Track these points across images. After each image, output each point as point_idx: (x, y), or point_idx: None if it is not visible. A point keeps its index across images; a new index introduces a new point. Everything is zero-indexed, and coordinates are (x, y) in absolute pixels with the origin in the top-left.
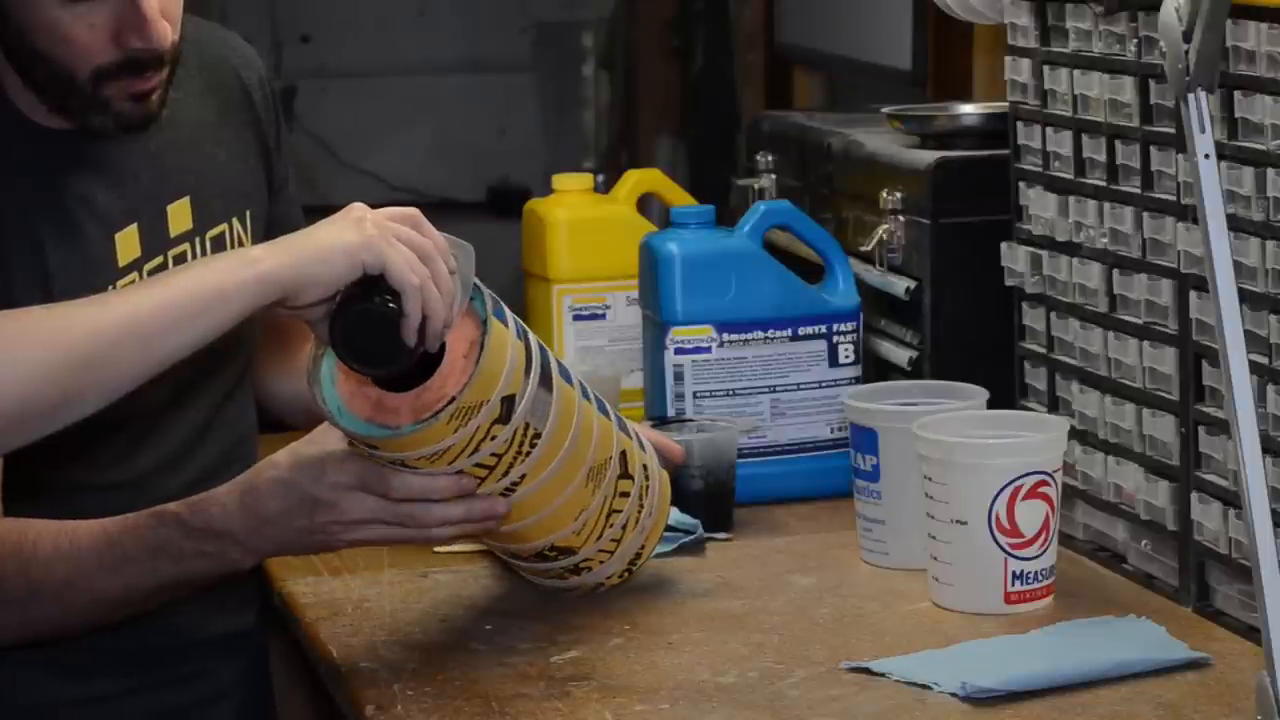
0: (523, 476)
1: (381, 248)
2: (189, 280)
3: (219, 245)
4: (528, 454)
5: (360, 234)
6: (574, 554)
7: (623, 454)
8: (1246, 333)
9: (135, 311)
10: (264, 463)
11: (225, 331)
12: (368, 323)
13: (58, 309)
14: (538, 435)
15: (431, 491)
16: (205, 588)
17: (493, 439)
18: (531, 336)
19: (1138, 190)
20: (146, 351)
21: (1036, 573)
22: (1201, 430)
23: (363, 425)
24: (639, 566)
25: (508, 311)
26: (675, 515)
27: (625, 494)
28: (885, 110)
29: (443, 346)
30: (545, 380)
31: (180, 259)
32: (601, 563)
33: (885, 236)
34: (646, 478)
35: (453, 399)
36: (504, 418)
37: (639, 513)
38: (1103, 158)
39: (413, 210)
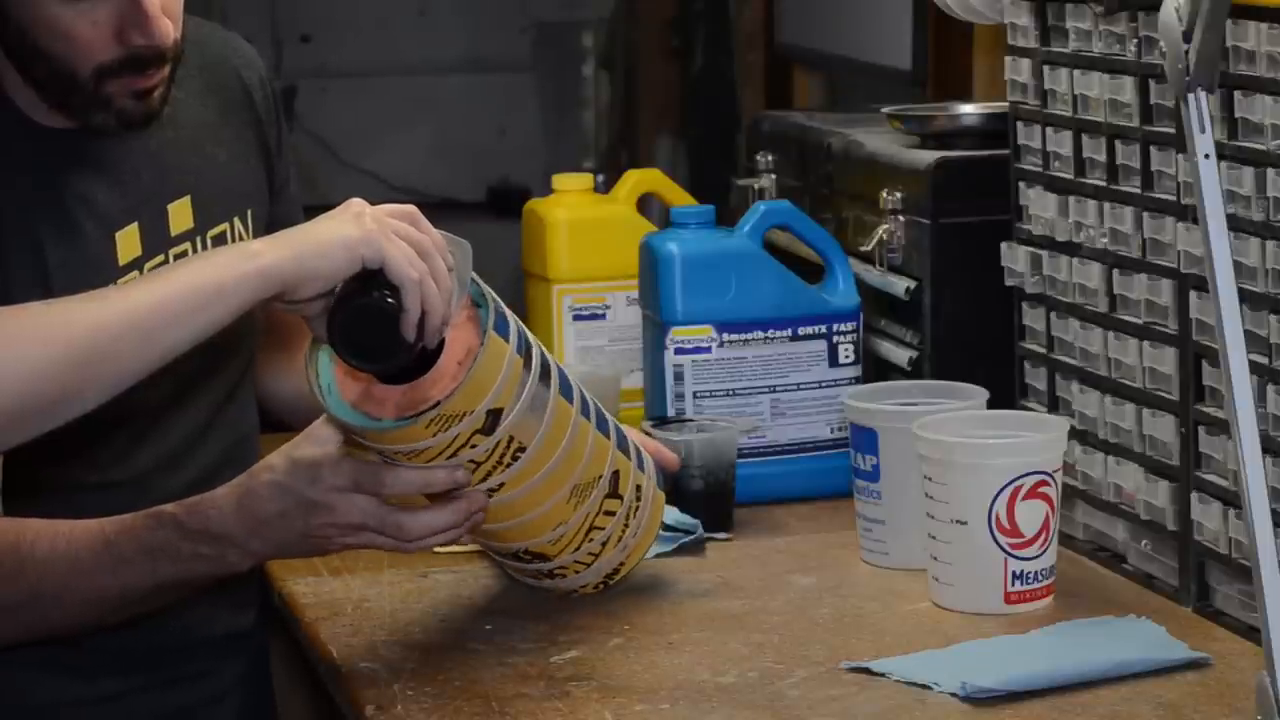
0: (501, 485)
1: (380, 242)
2: (188, 275)
3: (220, 245)
4: (509, 465)
5: (360, 228)
6: (548, 560)
7: (615, 474)
8: (1246, 333)
9: (135, 307)
10: (260, 465)
11: (225, 325)
12: (366, 317)
13: (57, 305)
14: (522, 449)
15: (427, 485)
16: (203, 589)
17: (473, 447)
18: (537, 351)
19: (1138, 190)
20: (147, 347)
21: (1036, 573)
22: (1201, 430)
23: (347, 410)
24: (617, 580)
25: (514, 325)
26: (675, 515)
27: (610, 513)
28: (885, 110)
29: (441, 345)
30: (540, 397)
31: (181, 258)
32: (576, 572)
33: (885, 236)
34: (637, 498)
35: (437, 404)
36: (487, 429)
37: (623, 531)
38: (1103, 158)
39: (410, 207)
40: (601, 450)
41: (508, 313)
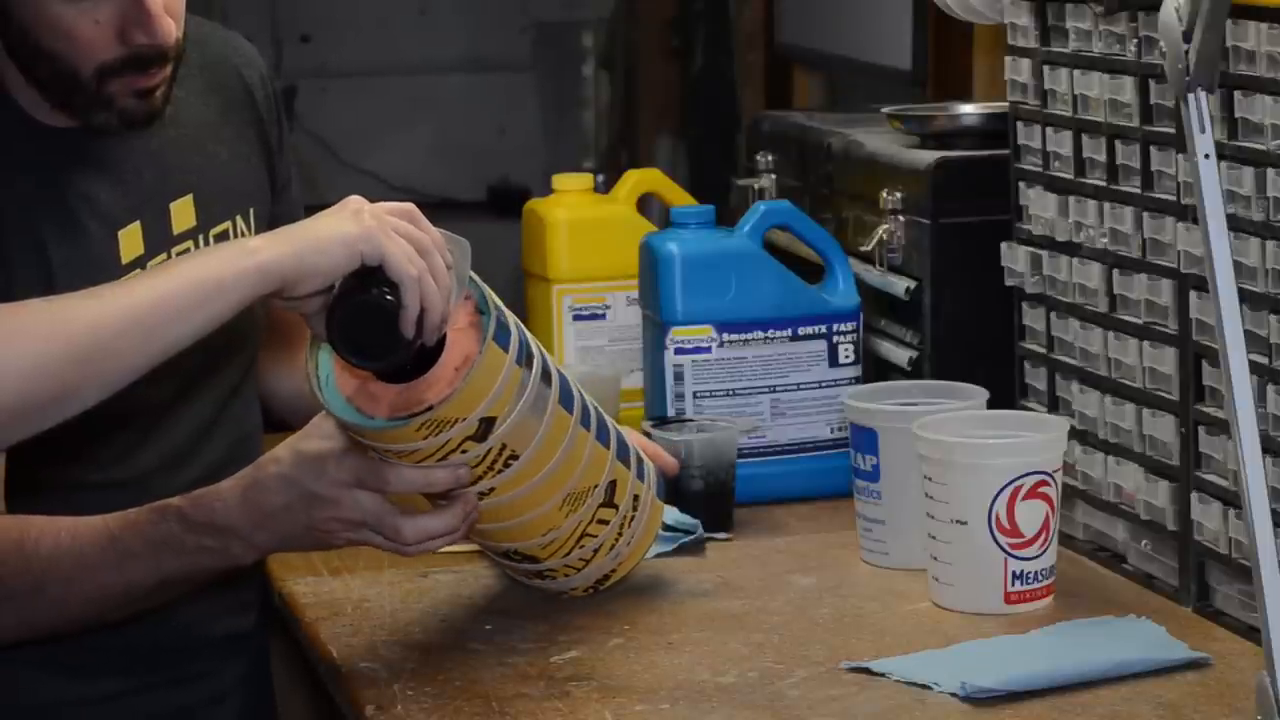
0: (491, 489)
1: (380, 239)
2: (188, 270)
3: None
4: (500, 471)
5: (359, 225)
6: (537, 562)
7: (612, 483)
8: (1246, 333)
9: (135, 303)
10: (266, 458)
11: (225, 321)
12: (365, 314)
13: (57, 302)
14: (514, 456)
15: (428, 485)
16: (206, 584)
17: (464, 453)
18: (538, 361)
19: (1138, 190)
20: (147, 343)
21: (1036, 573)
22: (1201, 430)
23: (341, 404)
24: (608, 586)
25: (516, 334)
26: (675, 515)
27: (604, 521)
28: (885, 110)
29: (441, 345)
30: (537, 407)
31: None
32: (566, 576)
33: (885, 236)
34: (634, 508)
35: (430, 408)
36: (479, 436)
37: (616, 540)
38: (1103, 158)
39: (408, 205)
40: (599, 460)
41: (511, 321)
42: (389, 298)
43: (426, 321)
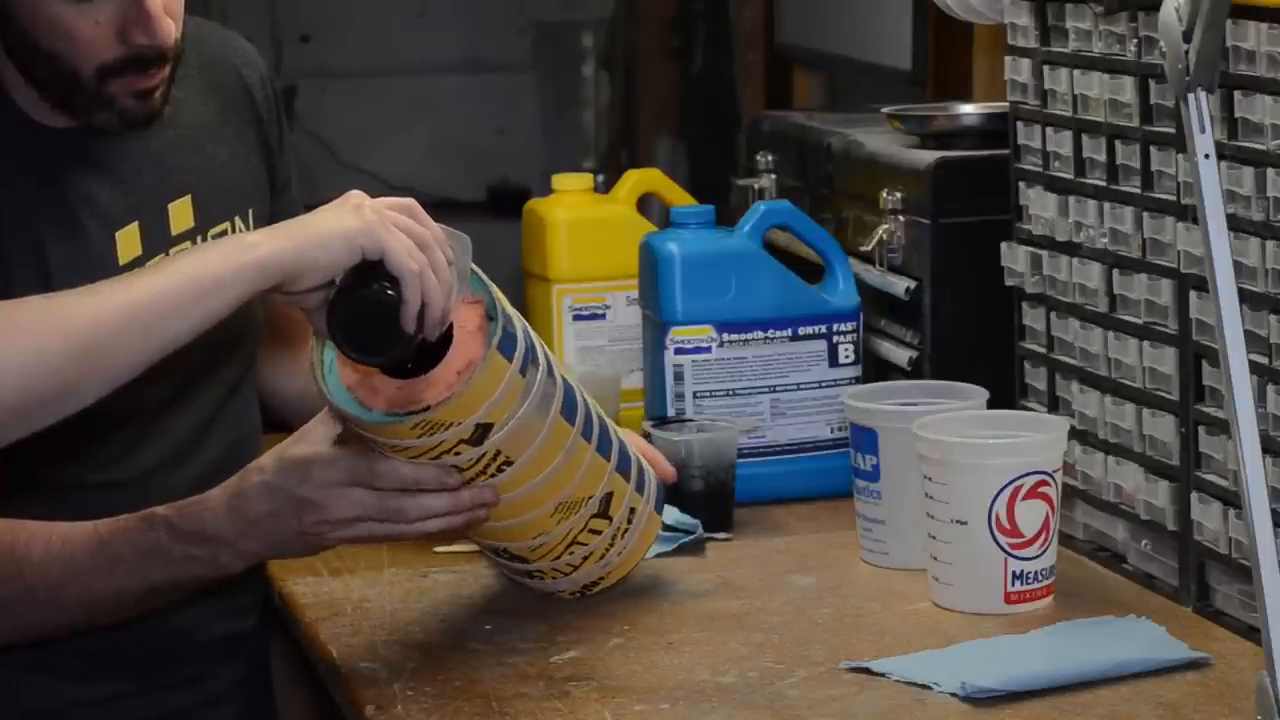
0: None
1: (380, 233)
2: (187, 267)
3: None
4: (493, 475)
5: (359, 219)
6: (526, 563)
7: (608, 495)
8: (1246, 333)
9: (134, 300)
10: (251, 466)
11: (224, 317)
12: (366, 309)
13: (56, 299)
14: (509, 462)
15: (418, 483)
16: (198, 591)
17: (458, 455)
18: (543, 369)
19: (1138, 190)
20: (146, 340)
21: (1036, 573)
22: (1201, 430)
23: (342, 394)
24: (596, 591)
25: (522, 342)
26: (675, 515)
27: (596, 531)
28: (885, 110)
29: (445, 342)
30: (538, 416)
31: None
32: (554, 578)
33: (885, 236)
34: (628, 520)
35: (426, 408)
36: (475, 441)
37: (607, 550)
38: (1103, 158)
39: (409, 200)
40: (597, 472)
41: (519, 328)
42: (390, 293)
43: (427, 317)
